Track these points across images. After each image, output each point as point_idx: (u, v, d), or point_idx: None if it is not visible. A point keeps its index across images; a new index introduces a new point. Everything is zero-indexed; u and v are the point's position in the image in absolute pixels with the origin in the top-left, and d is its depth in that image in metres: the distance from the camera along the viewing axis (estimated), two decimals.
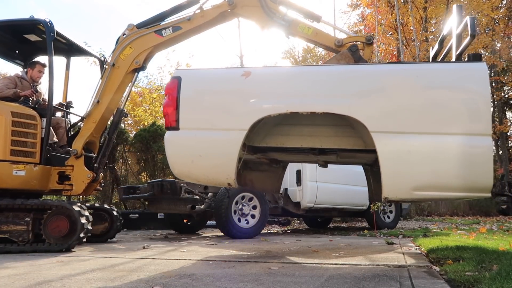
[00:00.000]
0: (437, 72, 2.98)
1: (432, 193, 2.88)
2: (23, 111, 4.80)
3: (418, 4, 17.97)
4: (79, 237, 4.38)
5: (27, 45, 5.59)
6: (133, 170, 12.90)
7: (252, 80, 3.17)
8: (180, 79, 3.27)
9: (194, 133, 3.22)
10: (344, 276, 2.60)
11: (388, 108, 2.92)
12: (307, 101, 3.05)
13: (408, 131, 2.85)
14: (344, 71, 3.22)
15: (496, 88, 22.42)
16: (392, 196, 2.88)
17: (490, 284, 2.09)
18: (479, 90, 2.79)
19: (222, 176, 3.17)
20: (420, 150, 2.82)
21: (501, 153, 22.43)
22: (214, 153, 3.19)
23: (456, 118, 2.79)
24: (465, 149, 2.76)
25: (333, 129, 3.51)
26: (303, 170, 7.07)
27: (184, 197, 6.21)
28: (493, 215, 14.18)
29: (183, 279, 2.50)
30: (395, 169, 2.86)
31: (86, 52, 5.94)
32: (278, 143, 3.65)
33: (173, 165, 3.32)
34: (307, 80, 3.16)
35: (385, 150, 2.86)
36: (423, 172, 2.81)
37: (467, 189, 2.80)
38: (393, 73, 3.06)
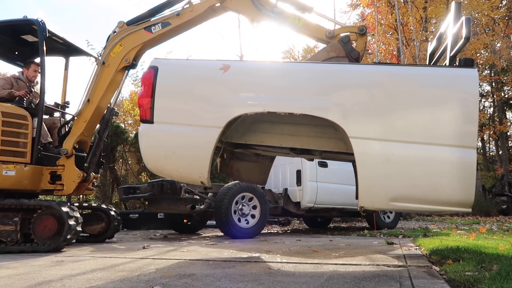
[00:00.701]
0: (425, 77, 2.81)
1: (410, 205, 2.76)
2: (13, 111, 4.78)
3: (418, 4, 17.98)
4: (67, 238, 4.37)
5: (25, 46, 5.59)
6: (133, 170, 12.90)
7: (230, 74, 3.01)
8: (157, 69, 3.12)
9: (168, 128, 3.07)
10: (344, 276, 2.60)
11: (370, 113, 2.76)
12: (285, 101, 2.91)
13: (389, 139, 2.70)
14: (326, 71, 3.06)
15: (496, 88, 22.43)
16: (368, 205, 2.77)
17: (490, 284, 2.09)
18: (467, 100, 2.63)
19: (195, 174, 3.04)
20: (400, 159, 2.67)
21: (501, 153, 22.43)
22: (188, 149, 3.05)
23: (441, 128, 2.64)
24: (448, 162, 2.62)
25: (314, 129, 3.38)
26: (303, 170, 7.07)
27: (184, 197, 6.21)
28: (493, 215, 14.16)
29: (183, 279, 2.50)
30: (373, 178, 2.73)
31: (84, 52, 5.93)
32: (257, 141, 3.51)
33: (147, 159, 3.20)
34: (287, 78, 3.01)
35: (364, 157, 2.72)
36: (402, 183, 2.69)
37: (447, 203, 2.67)
38: (377, 76, 2.89)
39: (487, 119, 24.08)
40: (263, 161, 4.45)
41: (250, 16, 4.46)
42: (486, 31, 19.86)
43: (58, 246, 4.36)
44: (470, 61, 2.81)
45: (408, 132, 2.68)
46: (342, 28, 4.12)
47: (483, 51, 20.79)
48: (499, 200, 15.65)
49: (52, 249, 4.33)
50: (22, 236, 4.47)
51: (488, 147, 27.17)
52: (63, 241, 4.36)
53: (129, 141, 12.12)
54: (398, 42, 17.38)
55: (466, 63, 2.81)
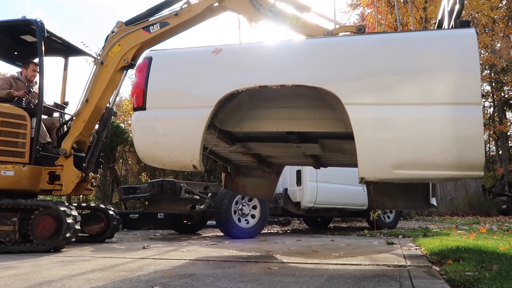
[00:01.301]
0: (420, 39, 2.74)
1: (415, 172, 2.56)
2: (12, 111, 4.78)
3: (418, 4, 17.98)
4: (66, 237, 4.37)
5: (25, 47, 5.58)
6: (133, 170, 12.90)
7: (222, 56, 2.99)
8: (151, 59, 3.12)
9: (160, 112, 3.03)
10: (344, 276, 2.60)
11: (363, 77, 2.65)
12: (276, 74, 2.83)
13: (386, 103, 2.57)
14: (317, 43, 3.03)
15: (496, 88, 22.44)
16: (369, 176, 2.59)
17: (490, 284, 2.09)
18: (467, 56, 2.51)
19: (187, 158, 2.95)
20: (399, 123, 2.53)
21: (501, 153, 22.43)
22: (178, 132, 2.99)
23: (441, 86, 2.51)
24: (451, 120, 2.45)
25: (312, 111, 3.29)
26: (303, 170, 7.07)
27: (184, 197, 6.21)
28: (493, 215, 14.17)
29: (183, 279, 2.50)
30: (372, 145, 2.57)
31: (83, 52, 5.93)
32: (253, 127, 3.42)
33: (139, 147, 3.16)
34: (277, 54, 2.97)
35: (361, 124, 2.58)
36: (404, 147, 2.52)
37: (456, 166, 2.48)
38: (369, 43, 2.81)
39: (487, 119, 24.09)
40: (269, 175, 4.40)
41: (248, 15, 4.45)
42: (486, 31, 19.86)
43: (58, 245, 4.36)
44: (467, 23, 2.73)
45: (406, 94, 2.57)
46: (341, 27, 4.11)
47: (483, 51, 20.79)
48: (499, 200, 15.66)
49: (52, 249, 4.33)
50: (21, 236, 4.47)
51: (488, 147, 27.18)
52: (63, 240, 4.36)
53: (129, 141, 12.11)
54: None
55: (463, 25, 2.73)
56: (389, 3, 18.92)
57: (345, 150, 3.78)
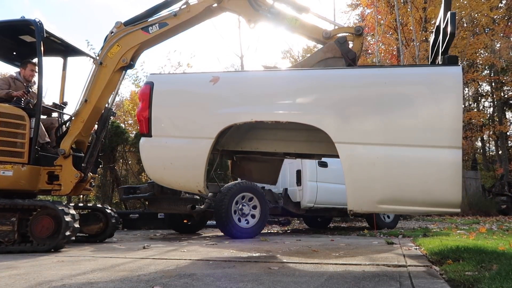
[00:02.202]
0: (407, 77, 2.82)
1: (397, 207, 2.78)
2: (11, 111, 4.78)
3: (418, 5, 18.00)
4: (65, 236, 4.36)
5: (24, 47, 5.59)
6: (133, 170, 12.90)
7: (220, 86, 3.12)
8: (152, 84, 3.25)
9: (165, 141, 3.22)
10: (344, 276, 2.60)
11: (353, 117, 2.79)
12: (271, 109, 2.98)
13: (373, 142, 2.71)
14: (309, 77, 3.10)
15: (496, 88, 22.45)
16: (356, 209, 2.79)
17: (490, 283, 2.09)
18: (450, 99, 2.61)
19: (192, 184, 3.17)
20: (385, 162, 2.68)
21: (501, 153, 22.44)
22: (184, 161, 3.19)
23: (425, 129, 2.63)
24: (432, 162, 2.60)
25: (306, 133, 3.43)
26: (303, 170, 7.07)
27: (184, 197, 6.22)
28: (493, 215, 14.17)
29: (184, 279, 2.50)
30: (359, 182, 2.75)
31: (81, 52, 5.93)
32: (252, 147, 3.62)
33: (148, 171, 3.37)
34: (272, 86, 3.08)
35: (349, 161, 2.75)
36: (388, 185, 2.69)
37: (434, 204, 2.66)
38: (360, 79, 2.91)
39: (487, 119, 24.09)
40: (274, 160, 4.47)
41: (247, 16, 4.46)
42: (485, 31, 19.87)
43: (58, 244, 4.36)
44: (455, 59, 2.78)
45: (392, 135, 2.69)
46: (339, 28, 4.11)
47: (482, 51, 20.80)
48: (499, 200, 15.67)
49: (52, 248, 4.34)
50: (20, 237, 4.47)
51: (488, 147, 27.19)
52: (62, 239, 4.36)
53: (129, 141, 12.12)
54: (398, 42, 17.40)
55: (451, 61, 2.78)
56: (389, 3, 18.94)
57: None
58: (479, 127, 23.00)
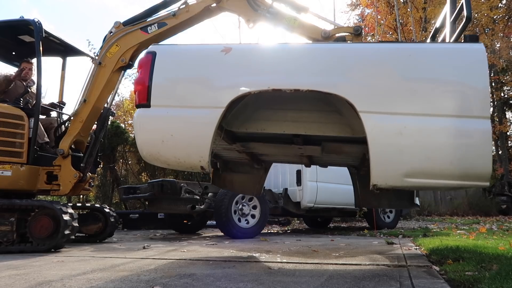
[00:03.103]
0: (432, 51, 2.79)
1: (425, 181, 2.64)
2: (9, 111, 4.77)
3: (418, 5, 18.01)
4: (65, 235, 4.36)
5: (23, 47, 5.58)
6: (133, 170, 12.91)
7: (232, 56, 2.92)
8: (154, 53, 3.03)
9: (166, 111, 2.95)
10: (344, 276, 2.60)
11: (378, 87, 2.68)
12: (291, 78, 2.80)
13: (400, 112, 2.62)
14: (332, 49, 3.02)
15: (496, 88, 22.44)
16: (381, 183, 2.64)
17: (490, 283, 2.09)
18: (476, 71, 2.58)
19: (195, 158, 2.89)
20: (413, 132, 2.59)
21: (501, 153, 22.44)
22: (187, 132, 2.91)
23: (452, 99, 2.58)
24: (461, 133, 2.54)
25: (318, 114, 3.28)
26: (303, 170, 7.07)
27: (184, 197, 6.21)
28: (493, 215, 14.17)
29: (184, 279, 2.50)
30: (385, 153, 2.61)
31: (81, 52, 5.92)
32: (258, 128, 3.37)
33: (142, 146, 3.06)
34: (292, 57, 2.92)
35: (375, 132, 2.61)
36: (416, 157, 2.58)
37: (463, 177, 2.58)
38: (384, 52, 2.86)
39: None
40: (257, 172, 4.38)
41: (246, 16, 4.46)
42: (485, 31, 19.86)
43: (57, 244, 4.36)
44: (475, 37, 2.78)
45: (420, 104, 2.61)
46: (338, 28, 4.11)
47: None
48: (499, 200, 15.66)
49: (51, 248, 4.34)
50: (18, 237, 4.46)
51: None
52: (62, 238, 4.35)
53: (130, 141, 12.12)
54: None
55: (472, 39, 2.77)
56: (389, 4, 18.94)
57: (342, 152, 3.79)
58: None
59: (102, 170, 11.52)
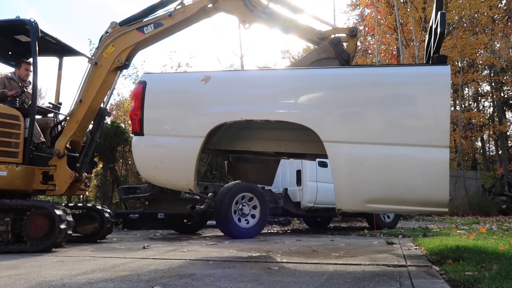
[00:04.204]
0: (396, 77, 2.83)
1: (385, 206, 2.78)
2: (5, 111, 4.77)
3: (417, 5, 18.02)
4: (59, 236, 4.35)
5: (19, 46, 5.58)
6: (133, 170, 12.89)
7: (211, 85, 3.14)
8: (145, 83, 3.27)
9: (156, 139, 3.24)
10: (344, 276, 2.60)
11: (341, 115, 2.80)
12: (261, 109, 3.00)
13: (361, 141, 2.71)
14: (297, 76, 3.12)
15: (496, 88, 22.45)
16: (345, 208, 2.79)
17: (490, 284, 2.09)
18: (438, 98, 2.61)
19: (183, 182, 3.17)
20: (373, 161, 2.68)
21: (501, 153, 22.45)
22: (174, 159, 3.20)
23: (413, 128, 2.65)
24: (420, 161, 2.61)
25: (297, 133, 3.41)
26: (303, 170, 7.07)
27: (184, 197, 6.22)
28: (493, 215, 14.17)
29: (184, 279, 2.50)
30: (347, 181, 2.75)
31: (77, 52, 5.91)
32: (244, 146, 3.63)
33: (140, 169, 3.38)
34: (262, 86, 3.10)
35: (337, 160, 2.75)
36: (376, 184, 2.69)
37: (422, 203, 2.66)
38: (348, 79, 2.93)
39: (487, 119, 24.09)
40: (269, 162, 4.46)
41: (241, 17, 4.45)
42: (485, 31, 19.87)
43: (52, 244, 4.34)
44: (444, 58, 2.80)
45: (380, 134, 2.69)
46: (333, 29, 4.11)
47: (482, 51, 20.80)
48: (499, 200, 15.67)
49: (46, 248, 4.32)
50: (14, 237, 4.45)
51: (488, 147, 27.19)
52: (59, 232, 4.34)
53: (129, 141, 12.11)
54: (398, 42, 17.40)
55: (440, 60, 2.79)
56: (389, 4, 18.94)
57: None
58: (479, 127, 23.02)
59: (102, 170, 11.52)
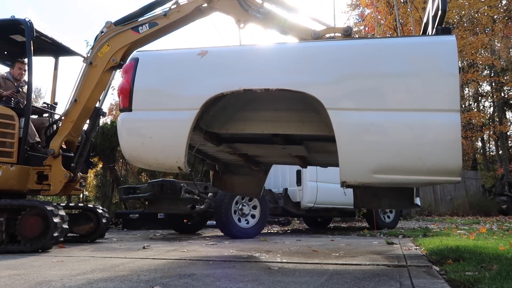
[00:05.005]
0: (401, 45, 2.78)
1: (394, 177, 2.62)
2: (0, 111, 4.76)
3: (417, 4, 18.01)
4: (53, 237, 4.34)
5: (15, 46, 5.57)
6: (133, 170, 12.89)
7: (208, 59, 3.01)
8: (137, 60, 3.13)
9: (145, 114, 3.05)
10: (344, 276, 2.60)
11: (345, 83, 2.70)
12: (261, 78, 2.86)
13: (367, 108, 2.60)
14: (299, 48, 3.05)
15: (496, 88, 22.45)
16: (350, 180, 2.65)
17: (490, 284, 2.09)
18: (446, 64, 2.55)
19: (172, 159, 2.97)
20: (380, 128, 2.57)
21: (501, 153, 22.44)
22: (164, 134, 3.01)
23: (420, 93, 2.54)
24: (430, 127, 2.50)
25: (296, 113, 3.32)
26: (303, 170, 7.06)
27: (184, 197, 6.21)
28: (493, 215, 14.17)
29: (183, 279, 2.50)
30: (353, 150, 2.61)
31: (73, 52, 5.90)
32: (238, 129, 3.45)
33: (124, 148, 3.17)
34: (262, 57, 2.99)
35: (342, 128, 2.61)
36: (384, 152, 2.56)
37: (433, 172, 2.53)
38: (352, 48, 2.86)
39: (487, 119, 24.09)
40: (257, 174, 4.40)
41: (236, 16, 4.44)
42: (485, 31, 19.86)
43: (45, 245, 4.33)
44: (448, 30, 2.75)
45: (387, 100, 2.60)
46: (328, 29, 4.11)
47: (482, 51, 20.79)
48: (499, 200, 15.67)
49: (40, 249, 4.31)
50: (8, 237, 4.44)
51: (488, 147, 27.19)
52: (50, 239, 4.32)
53: None
54: None
55: (444, 31, 2.74)
56: (389, 3, 18.94)
57: (330, 152, 3.79)
58: (479, 127, 23.01)
59: (102, 170, 11.52)
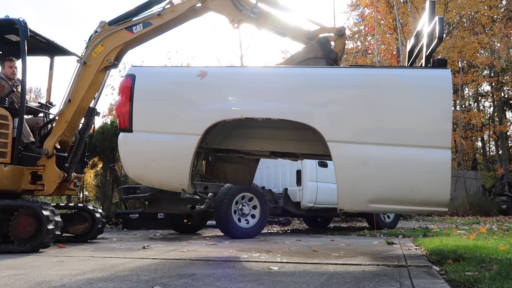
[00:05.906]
0: (399, 78, 2.85)
1: (388, 206, 2.82)
2: None
3: (417, 4, 18.01)
4: (46, 238, 4.33)
5: (10, 46, 5.56)
6: None
7: (208, 81, 3.02)
8: (134, 77, 3.11)
9: (147, 136, 3.07)
10: (344, 276, 2.60)
11: (345, 116, 2.79)
12: (263, 106, 2.92)
13: (365, 142, 2.73)
14: (302, 74, 3.07)
15: (496, 88, 22.45)
16: (347, 208, 2.80)
17: (490, 284, 2.09)
18: (440, 100, 2.67)
19: (176, 182, 3.04)
20: (377, 162, 2.70)
21: (501, 153, 22.45)
22: (167, 157, 3.05)
23: (415, 129, 2.68)
24: (423, 162, 2.65)
25: (294, 132, 3.38)
26: (303, 170, 7.07)
27: (184, 197, 6.21)
28: (493, 215, 14.17)
29: (183, 279, 2.50)
30: (351, 180, 2.76)
31: (68, 52, 5.88)
32: (237, 145, 3.52)
33: (127, 168, 3.22)
34: (264, 83, 3.01)
35: (341, 160, 2.75)
36: (379, 185, 2.72)
37: (424, 203, 2.72)
38: (352, 79, 2.92)
39: (487, 119, 24.09)
40: (248, 162, 4.42)
41: (230, 16, 4.44)
42: (485, 31, 19.86)
43: (38, 245, 4.31)
44: (444, 62, 2.83)
45: (384, 134, 2.72)
46: (321, 29, 4.10)
47: (482, 51, 20.79)
48: (499, 200, 15.66)
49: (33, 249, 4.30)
50: (1, 237, 4.43)
51: (488, 147, 27.20)
52: (43, 240, 4.31)
53: None
54: (398, 42, 17.39)
55: (440, 64, 2.83)
56: (389, 3, 18.94)
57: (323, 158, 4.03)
58: (479, 127, 23.01)
59: (102, 170, 11.51)
